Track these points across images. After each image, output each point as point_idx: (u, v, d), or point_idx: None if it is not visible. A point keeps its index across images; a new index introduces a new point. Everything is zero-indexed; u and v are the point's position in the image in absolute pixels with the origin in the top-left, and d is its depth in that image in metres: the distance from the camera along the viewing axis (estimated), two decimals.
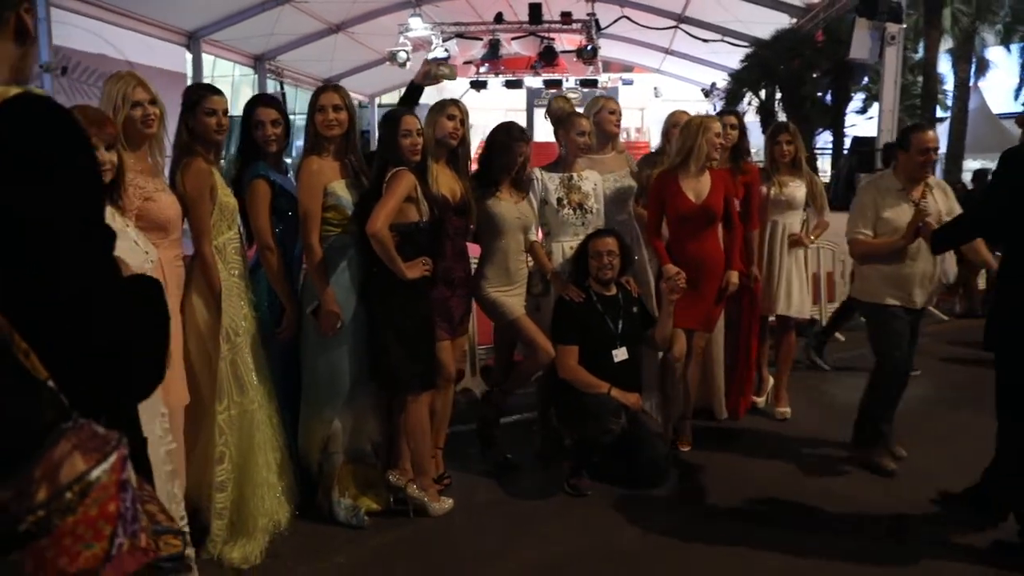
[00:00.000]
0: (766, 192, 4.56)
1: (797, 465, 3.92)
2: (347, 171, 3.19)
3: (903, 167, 3.71)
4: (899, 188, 3.68)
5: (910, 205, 3.60)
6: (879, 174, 4.47)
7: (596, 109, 4.18)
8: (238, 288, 3.03)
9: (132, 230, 2.48)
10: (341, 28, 18.17)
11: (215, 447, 2.92)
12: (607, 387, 3.54)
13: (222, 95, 3.02)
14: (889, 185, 3.74)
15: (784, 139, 4.55)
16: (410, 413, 3.17)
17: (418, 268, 3.07)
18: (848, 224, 3.82)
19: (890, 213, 3.65)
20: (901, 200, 3.65)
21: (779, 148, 4.56)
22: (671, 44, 20.50)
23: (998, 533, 3.13)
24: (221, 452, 2.93)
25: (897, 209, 3.64)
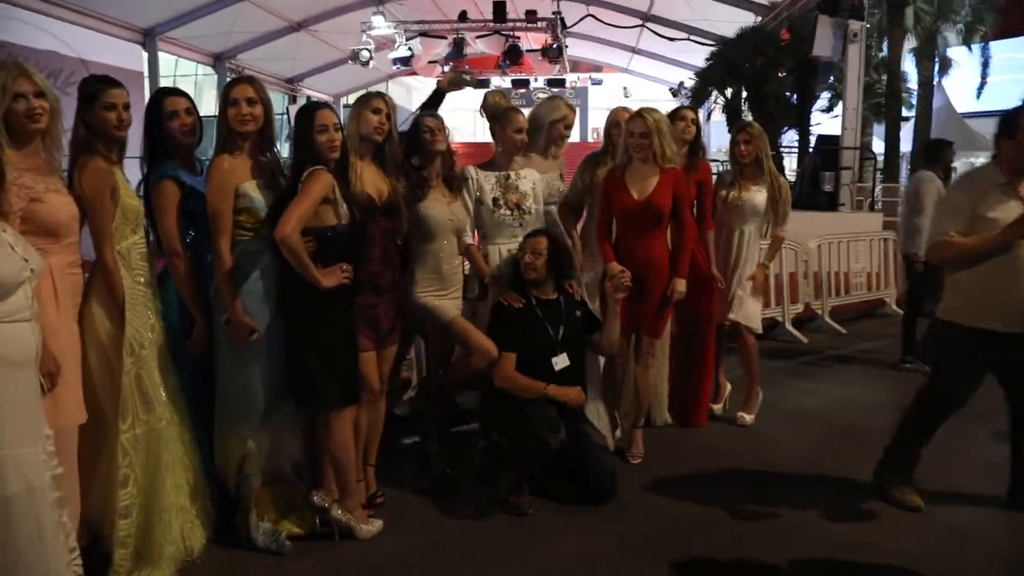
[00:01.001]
0: (725, 196, 4.41)
1: (756, 478, 3.75)
2: (262, 170, 2.95)
3: (1008, 158, 3.17)
4: (1003, 183, 3.16)
5: (1020, 202, 3.13)
6: (975, 168, 3.87)
7: (557, 117, 3.98)
8: (144, 296, 2.80)
9: (9, 234, 2.24)
10: (303, 26, 17.85)
11: (119, 469, 2.68)
12: (543, 386, 3.37)
13: (122, 88, 2.78)
14: (989, 180, 3.20)
15: (742, 139, 4.36)
16: (332, 430, 2.95)
17: (335, 276, 2.84)
18: (932, 226, 3.41)
19: (996, 212, 3.12)
20: (1008, 196, 3.14)
21: (737, 148, 4.39)
22: (638, 43, 20.47)
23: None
24: (125, 475, 2.70)
25: (1004, 207, 3.11)
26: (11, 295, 2.16)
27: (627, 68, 24.48)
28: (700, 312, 4.31)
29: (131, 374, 2.72)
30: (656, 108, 3.86)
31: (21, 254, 2.22)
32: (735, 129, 4.52)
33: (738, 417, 4.53)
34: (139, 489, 2.73)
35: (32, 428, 2.25)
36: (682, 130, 4.19)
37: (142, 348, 2.74)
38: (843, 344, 6.72)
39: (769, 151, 4.42)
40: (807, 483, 3.66)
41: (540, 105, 4.09)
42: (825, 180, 10.65)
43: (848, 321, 7.46)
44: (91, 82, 2.77)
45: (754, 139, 4.32)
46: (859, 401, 5.02)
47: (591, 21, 17.32)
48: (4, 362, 2.15)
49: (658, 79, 22.73)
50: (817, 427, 4.51)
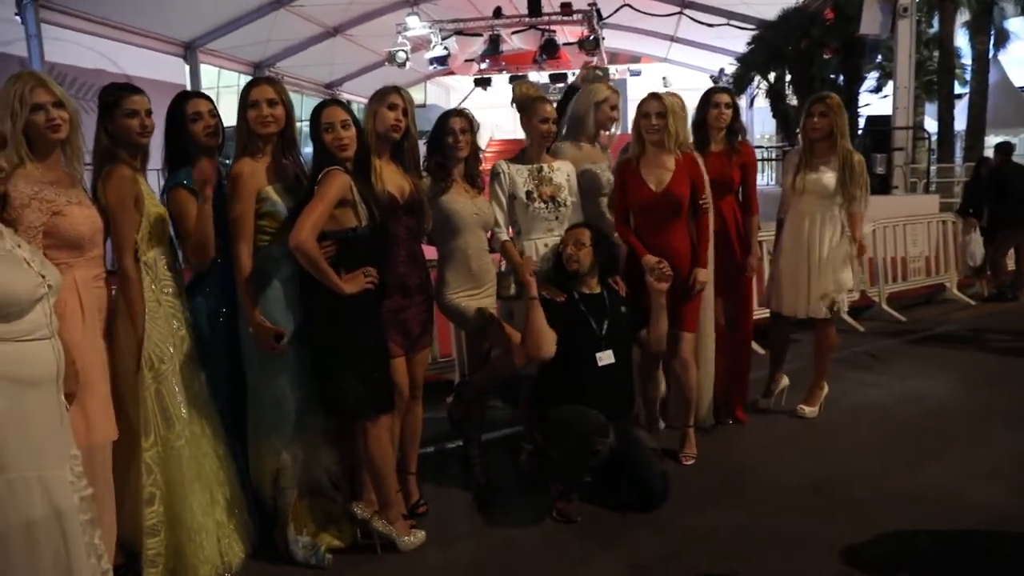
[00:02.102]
0: (792, 180, 4.17)
1: (816, 482, 3.52)
2: (284, 174, 2.86)
3: None
4: None
5: None
6: None
7: (600, 99, 3.82)
8: (171, 307, 2.73)
9: (25, 250, 2.17)
10: (339, 31, 17.97)
11: (144, 488, 2.62)
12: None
13: (142, 94, 2.71)
14: None
15: (817, 111, 4.05)
16: (368, 440, 2.84)
17: (358, 281, 2.72)
18: None
19: None
20: None
21: (810, 122, 4.09)
22: (676, 31, 20.07)
23: None
24: (151, 493, 2.63)
25: None
26: (28, 312, 2.09)
27: (666, 57, 24.09)
28: (739, 302, 4.12)
29: (151, 390, 2.64)
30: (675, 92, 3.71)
31: (38, 270, 2.16)
32: (810, 100, 4.20)
33: (798, 409, 4.31)
34: (165, 507, 2.67)
35: (56, 449, 2.18)
36: (715, 117, 3.98)
37: (162, 363, 2.66)
38: (903, 332, 6.40)
39: (846, 127, 4.12)
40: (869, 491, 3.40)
41: (580, 93, 3.92)
42: (877, 162, 10.24)
43: (907, 308, 7.13)
44: (111, 90, 2.71)
45: (831, 112, 4.03)
46: (922, 394, 4.74)
47: (628, 11, 17.02)
48: (23, 382, 2.08)
49: (698, 67, 22.29)
50: (880, 424, 4.25)
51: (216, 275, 2.89)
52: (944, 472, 3.53)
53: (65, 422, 2.20)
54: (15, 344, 2.06)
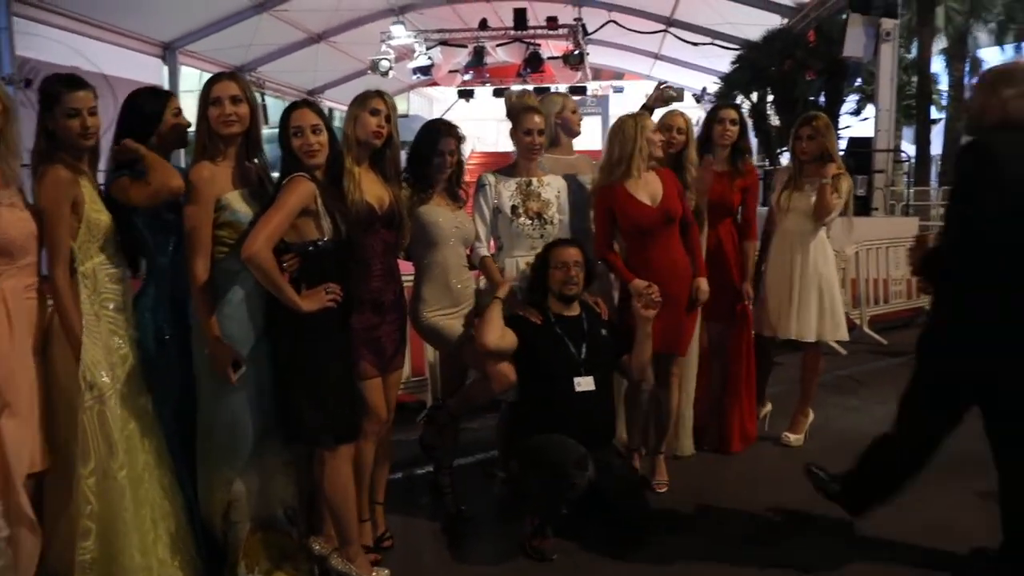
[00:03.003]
0: (777, 198, 4.08)
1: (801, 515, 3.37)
2: (247, 179, 2.64)
3: None
4: None
5: None
6: None
7: (558, 109, 3.67)
8: (113, 323, 2.51)
9: None
10: (323, 37, 17.81)
11: (81, 518, 2.38)
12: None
13: (87, 90, 2.47)
14: None
15: (805, 133, 3.97)
16: (327, 471, 2.62)
17: (318, 298, 2.51)
18: None
19: None
20: None
21: (799, 144, 4.01)
22: (660, 48, 20.16)
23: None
24: (86, 527, 2.39)
25: None
26: None
27: (649, 75, 24.18)
28: (729, 328, 3.99)
29: (93, 411, 2.40)
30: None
31: None
32: (798, 122, 4.11)
33: (783, 437, 4.18)
34: (101, 543, 2.42)
35: None
36: (720, 134, 3.88)
37: (103, 381, 2.42)
38: (885, 355, 6.32)
39: (836, 146, 4.04)
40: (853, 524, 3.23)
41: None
42: (857, 184, 10.26)
43: (888, 331, 7.06)
44: (52, 83, 2.45)
45: (819, 133, 3.93)
46: None
47: (613, 27, 17.06)
48: None
49: (681, 85, 22.38)
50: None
51: (164, 288, 2.67)
52: (930, 503, 3.39)
53: None
54: None
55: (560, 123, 3.63)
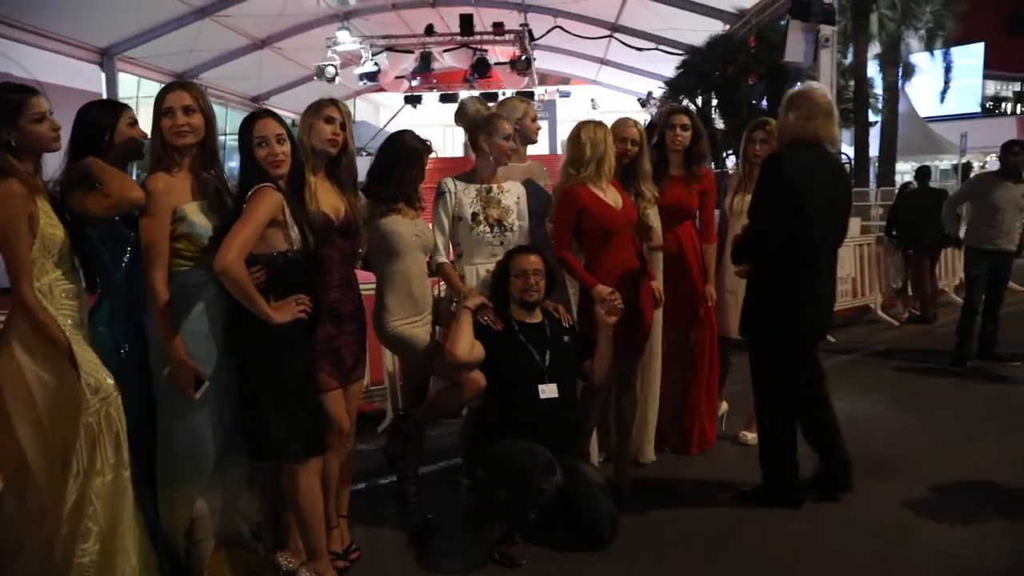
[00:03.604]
0: (730, 201, 4.18)
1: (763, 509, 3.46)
2: (204, 190, 2.57)
3: None
4: None
5: None
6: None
7: (520, 115, 3.68)
8: (75, 339, 2.42)
9: None
10: (267, 43, 17.54)
11: (82, 519, 2.33)
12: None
13: (41, 93, 2.40)
14: None
15: (759, 137, 4.07)
16: (297, 484, 2.58)
17: (289, 309, 2.48)
18: None
19: None
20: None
21: (752, 148, 4.11)
22: (606, 54, 20.44)
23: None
24: (87, 527, 2.33)
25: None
26: None
27: (595, 79, 24.48)
28: (691, 331, 4.04)
29: (100, 413, 2.37)
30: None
31: None
32: (750, 125, 4.19)
33: (741, 436, 4.25)
34: (101, 545, 2.37)
35: None
36: (671, 139, 3.92)
37: (107, 380, 2.39)
38: (833, 353, 6.49)
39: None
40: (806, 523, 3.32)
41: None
42: None
43: (835, 329, 7.25)
44: (7, 93, 2.36)
45: (772, 137, 3.97)
46: (855, 416, 4.76)
47: (559, 33, 17.22)
48: None
49: (626, 90, 22.69)
50: None
51: (120, 303, 2.58)
52: (884, 500, 3.50)
53: None
54: None
55: (519, 129, 3.63)
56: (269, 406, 2.50)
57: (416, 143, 3.13)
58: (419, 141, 3.14)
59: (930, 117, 22.66)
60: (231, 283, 2.38)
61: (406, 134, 3.20)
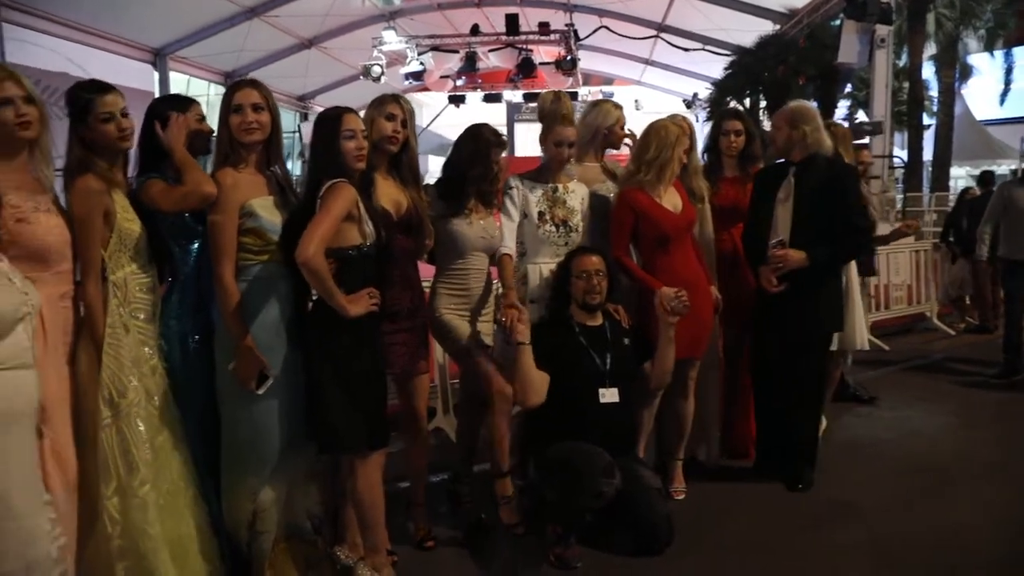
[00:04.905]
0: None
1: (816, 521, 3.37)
2: (270, 186, 2.60)
3: None
4: None
5: None
6: None
7: (611, 122, 3.64)
8: (141, 335, 2.46)
9: (5, 264, 1.94)
10: (314, 43, 17.73)
11: (111, 540, 2.31)
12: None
13: (115, 93, 2.44)
14: None
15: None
16: (359, 479, 2.58)
17: (363, 303, 2.49)
18: None
19: None
20: None
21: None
22: (651, 54, 20.22)
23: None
24: (121, 547, 2.32)
25: None
26: (8, 335, 1.85)
27: (639, 80, 24.25)
28: (746, 333, 3.96)
29: (112, 428, 2.35)
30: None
31: (20, 287, 1.92)
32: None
33: None
34: (134, 562, 2.35)
35: (34, 495, 1.96)
36: (726, 146, 3.87)
37: (122, 397, 2.36)
38: (887, 362, 6.33)
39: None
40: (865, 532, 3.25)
41: (587, 113, 3.73)
42: None
43: (889, 336, 7.08)
44: (79, 92, 2.42)
45: (838, 141, 3.95)
46: (913, 428, 4.64)
47: (604, 33, 17.10)
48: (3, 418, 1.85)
49: (671, 91, 22.45)
50: (873, 460, 4.12)
51: (188, 296, 2.62)
52: (941, 514, 3.39)
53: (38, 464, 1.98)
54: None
55: (605, 134, 3.62)
56: (336, 400, 2.50)
57: (491, 136, 3.12)
58: (494, 135, 3.14)
59: (988, 120, 21.98)
60: (311, 275, 2.39)
61: (484, 127, 3.20)
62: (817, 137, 3.52)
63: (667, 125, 3.41)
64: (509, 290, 3.12)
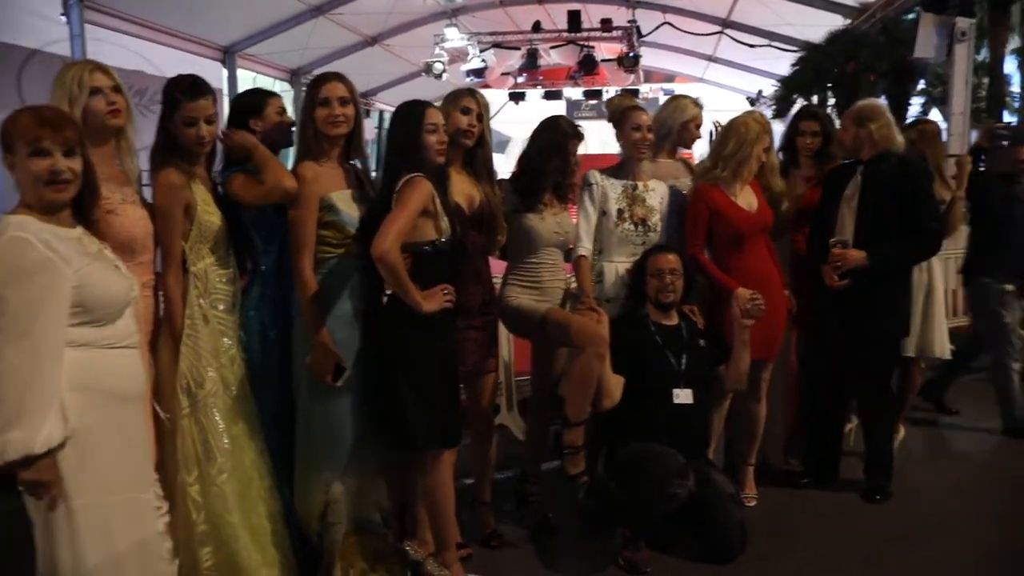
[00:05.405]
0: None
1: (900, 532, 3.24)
2: (350, 180, 2.61)
3: None
4: None
5: None
6: None
7: (687, 118, 3.55)
8: (220, 325, 2.50)
9: (110, 252, 2.00)
10: (377, 40, 17.94)
11: (195, 527, 2.38)
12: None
13: (207, 97, 2.47)
14: None
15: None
16: (431, 476, 2.58)
17: (438, 299, 2.48)
18: None
19: None
20: None
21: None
22: (715, 51, 19.85)
23: None
24: (204, 532, 2.39)
25: None
26: (119, 318, 1.91)
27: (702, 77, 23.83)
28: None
29: (191, 418, 2.41)
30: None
31: (126, 274, 2.00)
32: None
33: None
34: (215, 547, 2.42)
35: (145, 470, 2.02)
36: (803, 146, 3.72)
37: (200, 388, 2.42)
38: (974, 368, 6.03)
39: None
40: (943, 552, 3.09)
41: (663, 107, 3.66)
42: None
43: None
44: (174, 88, 2.47)
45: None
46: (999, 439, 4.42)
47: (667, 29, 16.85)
48: (114, 395, 1.90)
49: (735, 88, 22.00)
50: (963, 468, 3.95)
51: (268, 288, 2.66)
52: None
53: (149, 441, 2.08)
54: (104, 352, 1.88)
55: (680, 130, 3.55)
56: (411, 397, 2.49)
57: (568, 128, 3.07)
58: (571, 126, 3.09)
59: None
60: (386, 270, 2.38)
61: (560, 119, 3.16)
62: (885, 134, 3.40)
63: (748, 121, 3.33)
64: (587, 297, 3.06)
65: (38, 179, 1.82)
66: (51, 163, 1.82)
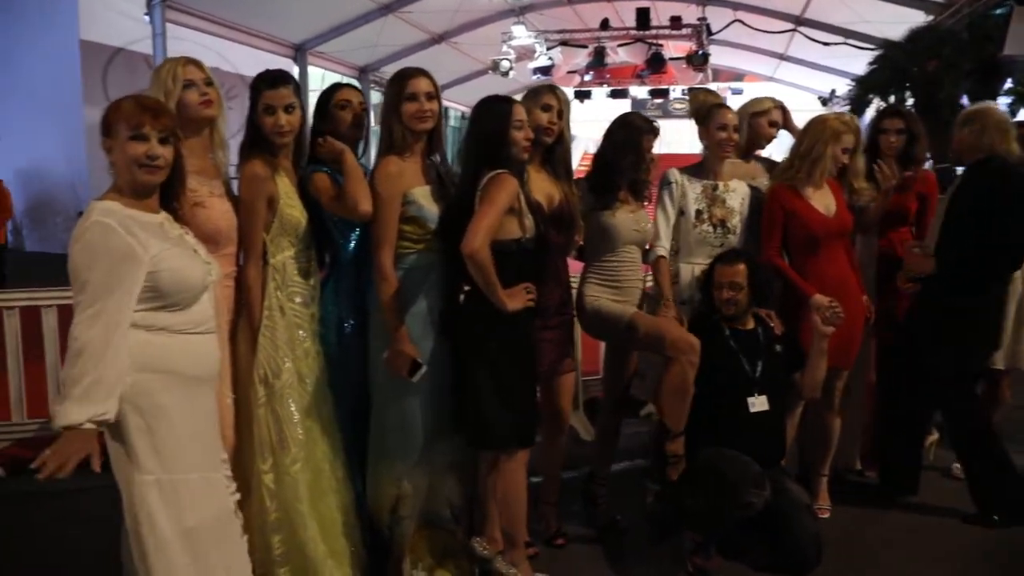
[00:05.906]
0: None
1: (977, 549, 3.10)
2: (429, 175, 2.62)
3: None
4: None
5: None
6: None
7: (760, 110, 3.47)
8: (296, 318, 2.54)
9: (191, 238, 2.07)
10: (444, 38, 18.10)
11: (269, 514, 2.44)
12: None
13: (287, 87, 2.52)
14: None
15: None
16: (503, 474, 2.58)
17: (520, 297, 2.46)
18: None
19: None
20: None
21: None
22: (787, 49, 19.35)
23: None
24: (277, 519, 2.45)
25: None
26: (195, 303, 1.98)
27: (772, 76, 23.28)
28: None
29: (267, 408, 2.46)
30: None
31: (204, 258, 2.05)
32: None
33: (953, 469, 3.82)
34: (286, 534, 2.47)
35: (216, 450, 2.09)
36: (887, 145, 3.57)
37: (276, 378, 2.47)
38: None
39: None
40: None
41: (742, 106, 3.59)
42: None
43: None
44: (257, 80, 2.54)
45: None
46: None
47: (737, 27, 16.51)
48: (190, 377, 1.97)
49: (807, 87, 21.41)
50: None
51: (346, 282, 2.70)
52: None
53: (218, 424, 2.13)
54: (182, 336, 1.95)
55: (753, 125, 3.46)
56: (489, 395, 2.49)
57: (642, 123, 3.04)
58: (645, 121, 3.05)
59: None
60: (476, 268, 2.38)
61: (634, 115, 3.13)
62: (984, 139, 3.24)
63: (826, 119, 3.24)
64: (668, 301, 3.01)
65: (134, 161, 1.90)
66: (148, 148, 1.90)
